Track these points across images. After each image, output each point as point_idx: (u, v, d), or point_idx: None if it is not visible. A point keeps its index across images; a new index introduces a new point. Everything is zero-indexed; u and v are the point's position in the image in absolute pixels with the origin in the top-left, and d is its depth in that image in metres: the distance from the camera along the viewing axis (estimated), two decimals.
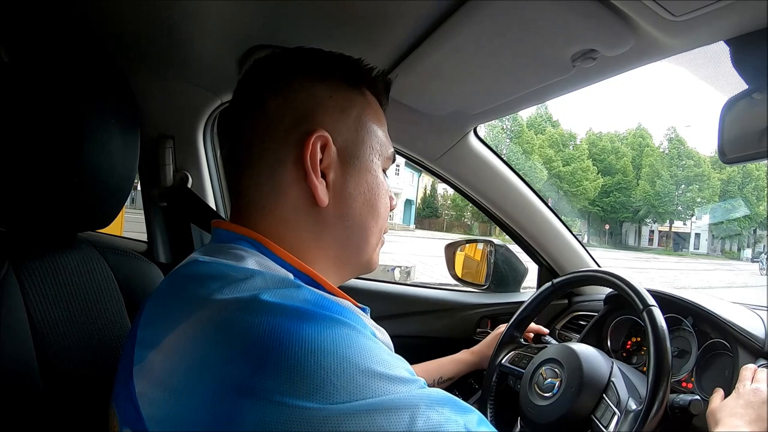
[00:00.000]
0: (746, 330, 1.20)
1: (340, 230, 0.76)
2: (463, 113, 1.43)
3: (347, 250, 0.79)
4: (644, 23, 0.85)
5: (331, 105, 0.75)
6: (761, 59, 0.84)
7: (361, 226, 0.78)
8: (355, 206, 0.76)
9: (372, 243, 0.81)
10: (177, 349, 0.57)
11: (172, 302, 0.65)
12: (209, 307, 0.57)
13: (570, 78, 1.08)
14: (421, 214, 47.29)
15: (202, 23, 1.09)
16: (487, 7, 0.88)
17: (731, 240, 46.52)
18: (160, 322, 0.62)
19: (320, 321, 0.55)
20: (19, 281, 0.84)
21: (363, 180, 0.77)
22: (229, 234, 0.74)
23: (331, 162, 0.74)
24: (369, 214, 0.78)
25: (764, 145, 0.86)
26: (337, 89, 0.77)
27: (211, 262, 0.67)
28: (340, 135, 0.75)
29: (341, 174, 0.75)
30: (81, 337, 0.89)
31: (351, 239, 0.78)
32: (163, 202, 1.56)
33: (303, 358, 0.51)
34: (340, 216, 0.76)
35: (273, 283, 0.61)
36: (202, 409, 0.51)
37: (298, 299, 0.58)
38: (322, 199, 0.72)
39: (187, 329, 0.57)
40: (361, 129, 0.77)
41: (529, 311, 1.47)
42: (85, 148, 0.86)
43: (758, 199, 44.51)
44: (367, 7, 0.97)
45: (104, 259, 1.01)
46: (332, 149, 0.73)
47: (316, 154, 0.72)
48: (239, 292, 0.58)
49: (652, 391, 1.02)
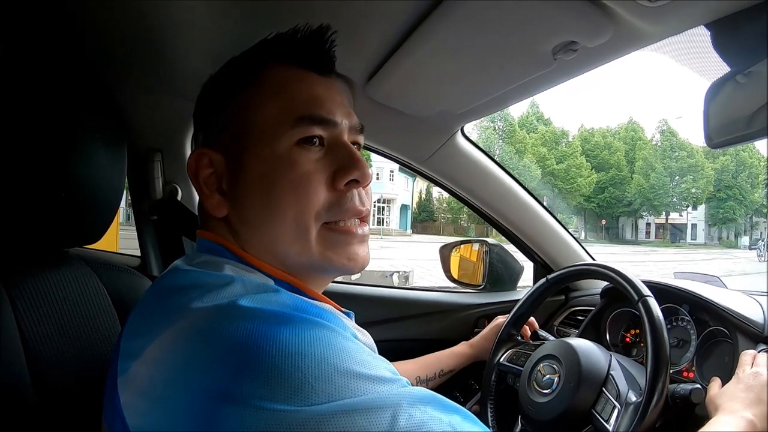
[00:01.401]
0: (744, 316, 1.20)
1: (250, 234, 0.72)
2: (449, 113, 1.42)
3: (294, 248, 0.70)
4: (622, 11, 0.85)
5: (207, 115, 0.77)
6: (742, 41, 0.84)
7: (264, 220, 0.70)
8: (249, 203, 0.71)
9: (296, 235, 0.70)
10: (159, 359, 0.56)
11: (154, 313, 0.65)
12: (189, 315, 0.57)
13: (553, 71, 1.08)
14: (417, 218, 47.31)
15: (184, 35, 1.09)
16: (463, 6, 0.88)
17: (728, 229, 46.70)
18: (142, 333, 0.61)
19: (298, 324, 0.55)
20: (10, 298, 0.83)
21: (253, 172, 0.70)
22: (210, 243, 0.74)
23: (222, 169, 0.73)
24: (269, 204, 0.69)
25: (752, 127, 0.86)
26: (224, 97, 0.75)
27: (190, 270, 0.67)
28: (222, 137, 0.74)
29: (231, 177, 0.73)
30: (74, 353, 0.88)
31: (267, 240, 0.71)
32: (154, 215, 1.56)
33: (281, 362, 0.50)
34: (242, 220, 0.72)
35: (251, 288, 0.61)
36: (184, 416, 0.51)
37: (277, 303, 0.58)
38: (214, 211, 0.73)
39: (167, 338, 0.57)
40: (242, 121, 0.72)
41: (525, 309, 1.47)
42: (71, 163, 0.86)
43: (753, 187, 44.71)
44: (345, 13, 0.97)
45: (96, 275, 1.00)
46: (217, 157, 0.73)
47: (200, 170, 0.73)
48: (218, 299, 0.58)
49: (651, 382, 1.01)
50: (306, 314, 0.57)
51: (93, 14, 1.00)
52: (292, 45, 0.76)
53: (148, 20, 1.02)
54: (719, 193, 44.35)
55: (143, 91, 1.37)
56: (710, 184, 43.58)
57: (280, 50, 0.76)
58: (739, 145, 0.94)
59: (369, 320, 1.81)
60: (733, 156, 44.07)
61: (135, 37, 1.08)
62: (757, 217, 47.19)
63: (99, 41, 1.12)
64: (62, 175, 0.85)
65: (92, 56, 1.18)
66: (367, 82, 1.26)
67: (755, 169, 44.62)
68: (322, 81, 0.76)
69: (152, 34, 1.08)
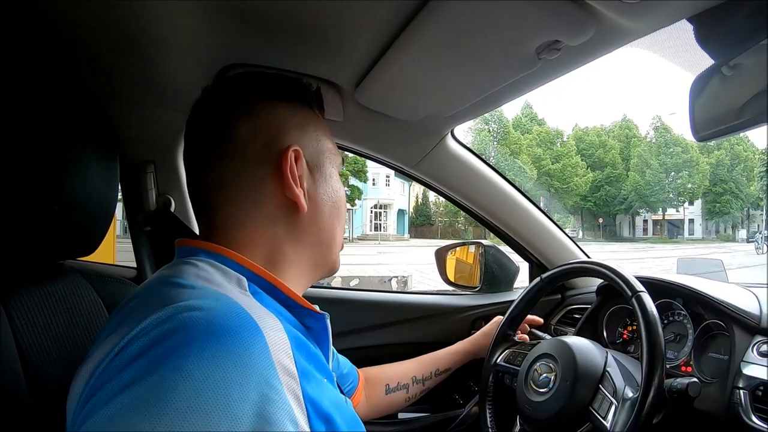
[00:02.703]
0: (740, 308, 1.20)
1: (314, 234, 0.83)
2: (438, 116, 1.43)
3: (320, 251, 0.85)
4: (603, 9, 0.85)
5: (293, 123, 0.82)
6: (724, 33, 0.85)
7: (330, 227, 0.86)
8: (325, 210, 0.84)
9: (338, 243, 0.89)
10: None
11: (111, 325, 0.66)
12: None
13: (538, 71, 1.08)
14: (414, 222, 47.25)
15: (174, 48, 1.10)
16: (446, 8, 0.89)
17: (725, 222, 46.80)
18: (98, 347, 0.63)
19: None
20: (7, 311, 0.83)
21: (329, 187, 0.85)
22: (189, 249, 0.76)
23: (304, 173, 0.80)
24: (336, 217, 0.87)
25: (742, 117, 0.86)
26: (295, 108, 0.84)
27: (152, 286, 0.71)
28: (306, 148, 0.81)
29: (312, 183, 0.83)
30: (71, 364, 0.87)
31: (322, 241, 0.85)
32: (148, 226, 1.56)
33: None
34: (314, 221, 0.82)
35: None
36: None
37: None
38: (304, 207, 0.79)
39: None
40: (318, 142, 0.85)
41: (520, 309, 1.47)
42: (64, 176, 0.86)
43: (748, 180, 44.91)
44: (332, 20, 0.98)
45: (92, 286, 1.00)
46: (303, 161, 0.80)
47: (294, 167, 0.78)
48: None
49: (647, 377, 1.01)
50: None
51: (84, 28, 1.01)
52: (314, 96, 0.89)
53: (139, 34, 1.03)
54: (715, 188, 44.50)
55: (135, 103, 1.37)
56: (706, 179, 43.75)
57: (314, 99, 0.89)
58: (727, 136, 0.94)
59: (368, 325, 1.83)
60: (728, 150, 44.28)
61: (126, 50, 1.09)
62: (753, 210, 47.35)
63: (90, 54, 1.12)
64: (55, 188, 0.85)
65: (84, 69, 1.19)
66: (356, 88, 1.27)
67: (750, 162, 44.83)
68: None
69: (144, 48, 1.09)
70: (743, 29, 0.82)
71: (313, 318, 0.78)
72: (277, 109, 0.81)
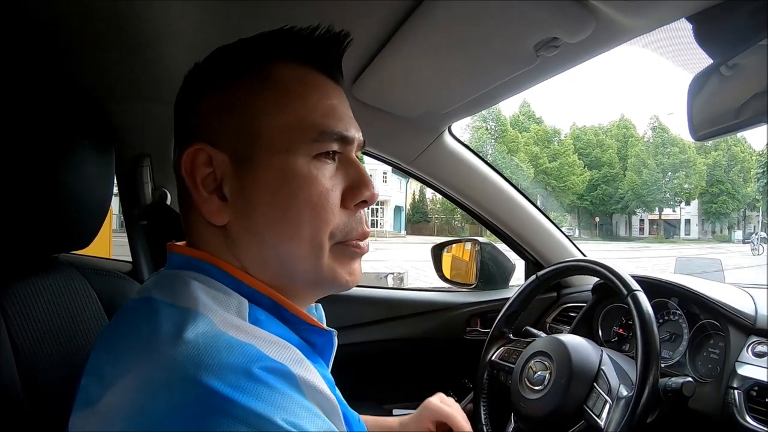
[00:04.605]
0: (735, 308, 1.21)
1: (256, 246, 0.66)
2: (435, 113, 1.44)
3: (288, 268, 0.67)
4: (603, 6, 0.85)
5: (207, 108, 0.67)
6: (724, 32, 0.85)
7: (277, 235, 0.65)
8: (260, 214, 0.65)
9: (310, 252, 0.66)
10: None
11: (117, 342, 0.60)
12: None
13: (536, 68, 1.08)
14: (411, 219, 47.26)
15: (169, 42, 1.10)
16: (443, 5, 0.89)
17: (721, 223, 46.92)
18: (107, 366, 0.58)
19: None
20: (0, 304, 0.83)
21: (266, 181, 0.64)
22: (181, 260, 0.68)
23: (226, 171, 0.65)
24: (284, 219, 0.64)
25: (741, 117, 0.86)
26: (220, 87, 0.67)
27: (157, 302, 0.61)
28: (228, 136, 0.66)
29: (237, 182, 0.65)
30: (66, 358, 0.88)
31: (275, 254, 0.66)
32: (144, 220, 1.56)
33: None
34: (248, 230, 0.65)
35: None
36: None
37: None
38: (213, 218, 0.65)
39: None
40: (253, 121, 0.65)
41: (515, 306, 1.47)
42: (59, 169, 0.86)
43: (745, 181, 44.96)
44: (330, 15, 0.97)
45: (87, 280, 1.00)
46: (220, 157, 0.65)
47: (197, 169, 0.65)
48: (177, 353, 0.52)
49: (641, 376, 1.02)
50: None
51: (80, 22, 1.01)
52: (309, 44, 0.70)
53: (135, 28, 1.03)
54: (712, 188, 44.55)
55: (131, 97, 1.38)
56: (702, 180, 43.79)
57: (293, 47, 0.70)
58: (724, 136, 0.94)
59: (362, 321, 1.83)
60: (725, 151, 44.34)
61: (122, 44, 1.09)
62: (749, 211, 47.45)
63: (86, 49, 1.12)
64: (50, 181, 0.85)
65: (80, 64, 1.19)
66: (353, 84, 1.27)
67: (747, 163, 44.89)
68: (336, 90, 0.72)
69: (140, 41, 1.09)
70: (743, 28, 0.82)
71: (318, 333, 0.68)
72: (200, 93, 0.69)
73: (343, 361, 1.13)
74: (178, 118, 0.72)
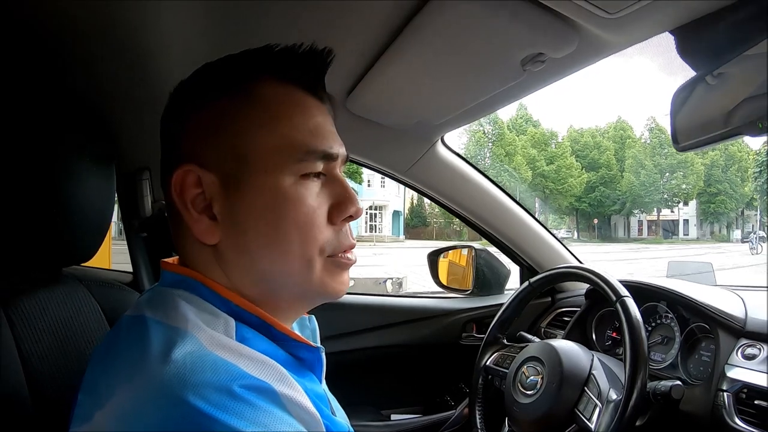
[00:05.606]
0: (724, 311, 1.22)
1: (246, 265, 0.67)
2: (427, 124, 1.45)
3: (279, 283, 0.68)
4: (585, 23, 0.87)
5: (193, 128, 0.68)
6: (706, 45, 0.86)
7: (268, 254, 0.66)
8: (250, 234, 0.66)
9: (301, 268, 0.67)
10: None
11: (112, 361, 0.62)
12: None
13: (523, 82, 1.11)
14: (409, 224, 47.05)
15: (169, 54, 1.11)
16: (433, 22, 0.91)
17: (720, 223, 46.85)
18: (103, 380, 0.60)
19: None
20: (8, 317, 0.84)
21: (255, 201, 0.65)
22: (173, 278, 0.69)
23: (215, 192, 0.66)
24: (275, 239, 0.66)
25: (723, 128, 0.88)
26: (205, 106, 0.68)
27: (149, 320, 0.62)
28: (215, 157, 0.66)
29: (226, 202, 0.66)
30: (72, 369, 0.89)
31: (266, 272, 0.67)
32: (144, 232, 1.58)
33: None
34: (238, 249, 0.66)
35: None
36: None
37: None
38: (203, 237, 0.66)
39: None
40: (239, 142, 0.66)
41: (509, 312, 1.48)
42: (61, 183, 0.87)
43: (743, 181, 44.90)
44: (324, 29, 1.00)
45: (89, 292, 1.01)
46: (209, 178, 0.66)
47: (187, 190, 0.66)
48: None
49: (630, 380, 1.04)
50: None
51: (80, 35, 1.01)
52: (291, 61, 0.70)
53: (134, 41, 1.04)
54: (710, 188, 44.47)
55: (131, 110, 1.37)
56: (700, 180, 43.70)
57: (275, 64, 0.70)
58: (707, 147, 0.95)
59: (360, 328, 1.84)
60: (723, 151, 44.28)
61: (122, 57, 1.10)
62: (748, 210, 47.39)
63: (86, 62, 1.13)
64: (53, 195, 0.87)
65: (80, 77, 1.19)
66: (347, 97, 1.29)
67: (745, 163, 44.82)
68: (320, 107, 0.73)
69: (139, 54, 1.10)
70: (725, 41, 0.83)
71: (306, 349, 0.68)
72: (182, 114, 0.71)
73: (341, 368, 1.14)
74: (165, 135, 0.74)
